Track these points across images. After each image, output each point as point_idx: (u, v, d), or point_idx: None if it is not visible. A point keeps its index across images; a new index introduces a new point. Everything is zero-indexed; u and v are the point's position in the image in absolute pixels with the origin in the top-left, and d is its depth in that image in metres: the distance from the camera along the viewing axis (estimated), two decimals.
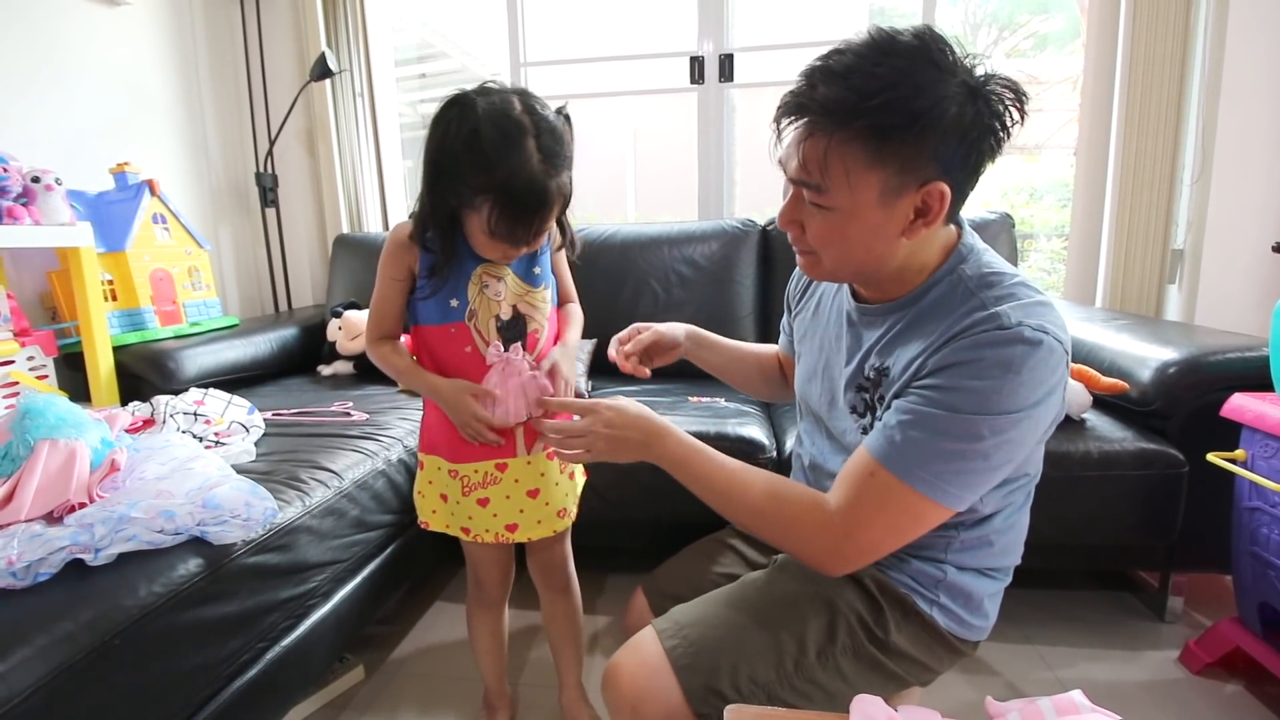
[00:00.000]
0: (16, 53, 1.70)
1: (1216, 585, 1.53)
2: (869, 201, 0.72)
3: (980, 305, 0.74)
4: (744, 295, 1.99)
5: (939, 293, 0.80)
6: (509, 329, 1.00)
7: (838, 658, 0.83)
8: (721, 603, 0.88)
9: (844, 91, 0.68)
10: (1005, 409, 0.70)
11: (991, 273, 0.78)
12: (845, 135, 0.69)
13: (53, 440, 0.96)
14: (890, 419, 0.76)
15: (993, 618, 0.91)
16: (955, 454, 0.72)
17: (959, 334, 0.73)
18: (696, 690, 0.79)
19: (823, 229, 0.76)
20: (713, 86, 2.31)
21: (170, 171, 2.17)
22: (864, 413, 0.85)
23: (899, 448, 0.73)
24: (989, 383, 0.70)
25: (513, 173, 0.87)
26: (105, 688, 0.74)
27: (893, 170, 0.70)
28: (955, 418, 0.71)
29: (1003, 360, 0.70)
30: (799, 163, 0.74)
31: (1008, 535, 0.87)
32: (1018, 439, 0.73)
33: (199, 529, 0.90)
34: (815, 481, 0.99)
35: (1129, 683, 1.26)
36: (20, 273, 1.68)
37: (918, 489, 0.73)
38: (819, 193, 0.73)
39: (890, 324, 0.84)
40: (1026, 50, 4.75)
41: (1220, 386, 1.24)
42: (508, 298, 1.00)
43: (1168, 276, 1.95)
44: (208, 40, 2.33)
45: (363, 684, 1.31)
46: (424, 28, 5.16)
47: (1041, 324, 0.71)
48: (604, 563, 1.73)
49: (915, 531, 0.77)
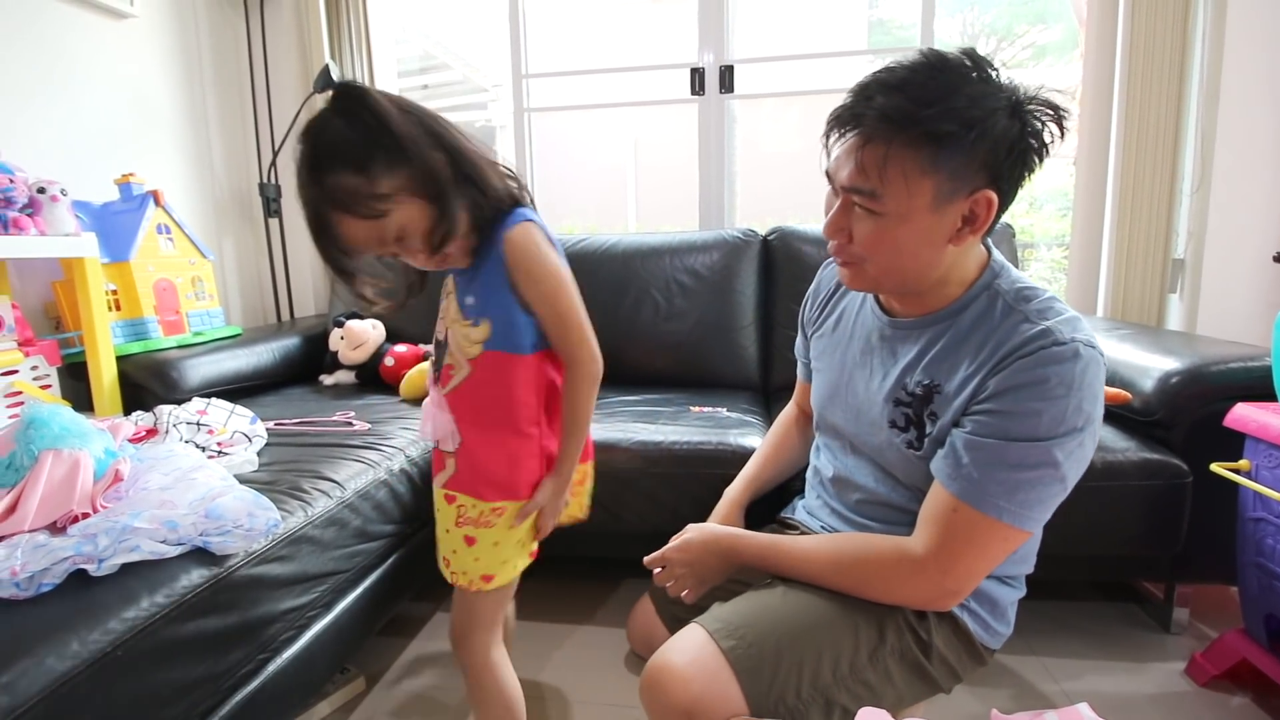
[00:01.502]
0: (23, 64, 1.71)
1: (1222, 597, 1.53)
2: (923, 206, 0.75)
3: (1025, 319, 0.78)
4: (745, 305, 1.99)
5: (979, 307, 0.82)
6: (436, 353, 0.94)
7: (886, 659, 0.84)
8: (772, 604, 0.87)
9: (903, 101, 0.72)
10: (1072, 428, 0.74)
11: (1025, 287, 0.82)
12: (904, 140, 0.72)
13: (57, 450, 0.96)
14: (963, 453, 0.78)
15: (1011, 625, 0.94)
16: (1035, 482, 0.75)
17: (1016, 351, 0.76)
18: (760, 695, 0.77)
19: (874, 235, 0.78)
20: (713, 97, 2.32)
21: (175, 182, 2.18)
22: (906, 427, 0.86)
23: (979, 485, 0.76)
24: (1056, 403, 0.73)
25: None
26: (107, 699, 0.73)
27: (945, 176, 0.73)
28: (1031, 447, 0.74)
29: (1065, 378, 0.73)
30: (855, 168, 0.76)
31: (1029, 543, 0.91)
32: (1083, 455, 0.77)
33: (201, 539, 0.90)
34: (840, 495, 1.00)
35: (1135, 695, 1.25)
36: (25, 282, 1.69)
37: (1004, 520, 0.76)
38: (873, 198, 0.76)
39: (930, 338, 0.85)
40: (1025, 61, 4.77)
41: (1223, 396, 1.24)
42: (443, 316, 0.93)
43: (1169, 286, 1.95)
44: (212, 52, 2.34)
45: (364, 695, 1.30)
46: (427, 39, 5.20)
47: (1088, 338, 0.76)
48: (607, 574, 1.73)
49: (1005, 555, 0.81)
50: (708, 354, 1.98)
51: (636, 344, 2.00)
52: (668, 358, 2.00)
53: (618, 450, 1.41)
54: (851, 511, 0.98)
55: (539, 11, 2.48)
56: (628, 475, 1.40)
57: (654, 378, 1.97)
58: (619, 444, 1.42)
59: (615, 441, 1.42)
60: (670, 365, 1.99)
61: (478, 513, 0.89)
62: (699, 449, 1.39)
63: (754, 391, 1.94)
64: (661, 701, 0.78)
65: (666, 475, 1.38)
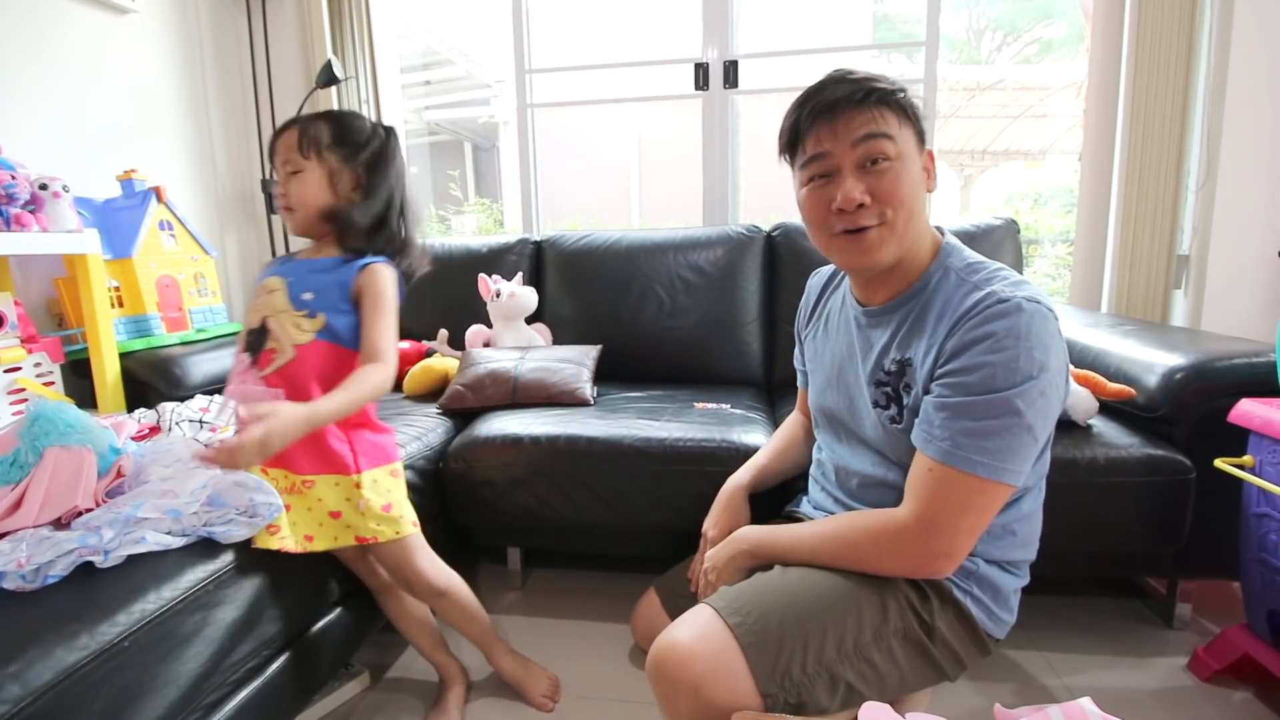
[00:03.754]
0: (25, 61, 1.72)
1: (1225, 592, 1.52)
2: (913, 150, 0.88)
3: (975, 287, 0.85)
4: (749, 301, 1.99)
5: (934, 284, 0.91)
6: (252, 340, 1.04)
7: (890, 638, 0.86)
8: (777, 584, 0.89)
9: (864, 79, 0.87)
10: (1026, 375, 0.78)
11: (975, 261, 0.91)
12: (890, 98, 0.87)
13: (63, 447, 0.96)
14: (933, 416, 0.83)
15: (1014, 614, 0.96)
16: (1002, 432, 0.79)
17: (965, 314, 0.83)
18: (766, 669, 0.79)
19: (893, 180, 0.86)
20: (717, 93, 2.32)
21: (177, 178, 2.18)
22: (887, 404, 0.93)
23: (952, 442, 0.81)
24: (1006, 354, 0.79)
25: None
26: (114, 690, 0.74)
27: (914, 129, 0.88)
28: (992, 399, 0.79)
29: (1012, 330, 0.80)
30: (865, 120, 0.86)
31: (1028, 525, 0.94)
32: (1046, 405, 0.81)
33: (206, 530, 0.91)
34: (842, 483, 1.05)
35: (1137, 690, 1.25)
36: (28, 279, 1.69)
37: (979, 474, 0.80)
38: (890, 140, 0.86)
39: (900, 319, 0.93)
40: (1031, 56, 4.76)
41: (1227, 392, 1.23)
42: (263, 309, 1.05)
43: (1173, 282, 1.94)
44: (214, 48, 2.34)
45: (367, 691, 1.31)
46: (429, 35, 5.19)
47: (1031, 294, 0.82)
48: (611, 569, 1.73)
49: (990, 511, 0.83)
50: (712, 350, 1.98)
51: (640, 341, 2.00)
52: (671, 354, 2.00)
53: (622, 447, 1.41)
54: (852, 497, 1.02)
55: (542, 6, 2.48)
56: (632, 472, 1.41)
57: (658, 374, 1.97)
58: (623, 440, 1.42)
59: (619, 438, 1.43)
60: (674, 362, 1.99)
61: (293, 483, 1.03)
62: (703, 445, 1.39)
63: (758, 388, 1.94)
64: (670, 678, 0.79)
65: (670, 472, 1.39)
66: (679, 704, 0.79)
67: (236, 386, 1.03)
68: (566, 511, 1.45)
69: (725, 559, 1.00)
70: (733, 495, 1.18)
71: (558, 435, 1.45)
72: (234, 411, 1.00)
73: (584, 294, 2.08)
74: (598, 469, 1.42)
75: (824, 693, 0.81)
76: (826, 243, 0.92)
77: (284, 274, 1.07)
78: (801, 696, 0.80)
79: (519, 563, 1.68)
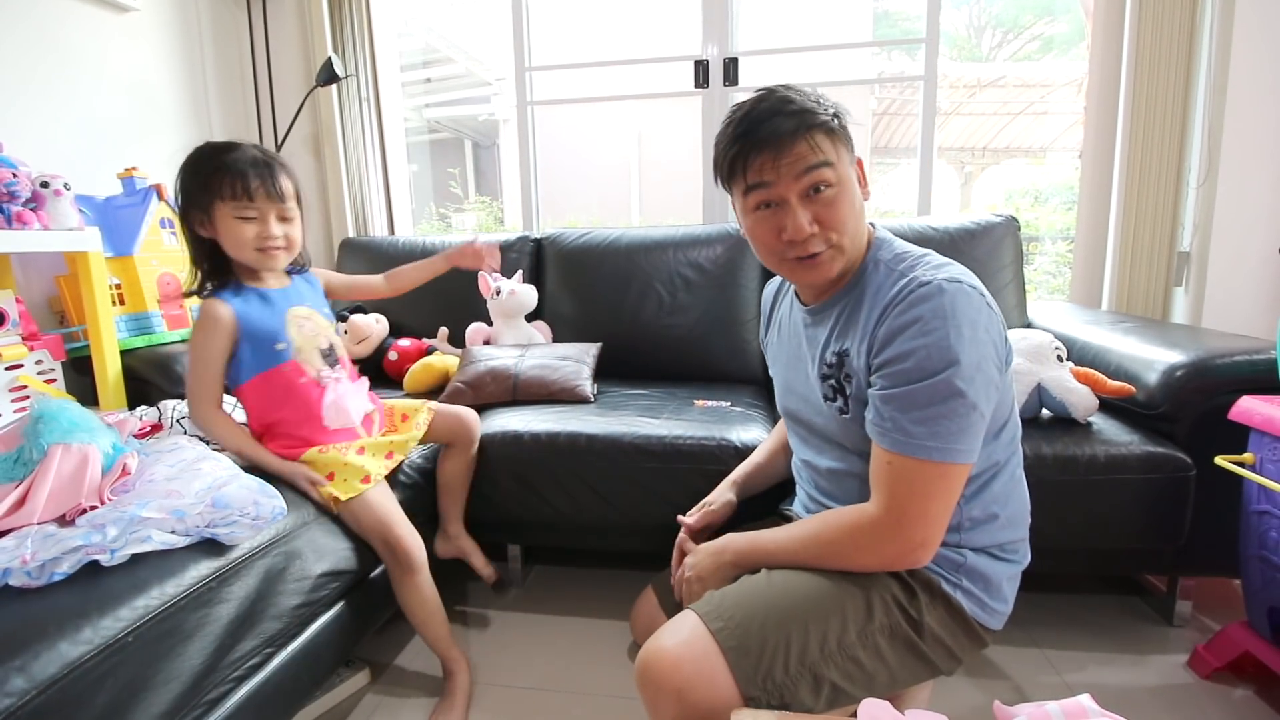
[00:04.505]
0: (25, 59, 1.72)
1: (1225, 589, 1.53)
2: (850, 171, 0.90)
3: (900, 275, 0.88)
4: (748, 299, 1.99)
5: (865, 278, 0.93)
6: (327, 356, 1.26)
7: (876, 636, 0.86)
8: (761, 587, 0.89)
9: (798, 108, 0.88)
10: (960, 355, 0.80)
11: (903, 252, 0.93)
12: (826, 125, 0.88)
13: (66, 445, 0.96)
14: (881, 408, 0.85)
15: (1010, 603, 0.96)
16: (949, 415, 0.80)
17: (891, 301, 0.86)
18: (747, 672, 0.79)
19: (838, 207, 0.88)
20: (717, 90, 2.32)
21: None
22: (835, 397, 0.95)
23: (903, 431, 0.82)
24: (935, 335, 0.80)
25: (237, 151, 1.15)
26: (118, 685, 0.74)
27: (846, 148, 0.90)
28: (931, 385, 0.81)
29: (937, 311, 0.81)
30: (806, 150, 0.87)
31: (1010, 506, 0.94)
32: (985, 379, 0.82)
33: (210, 530, 0.91)
34: (814, 480, 1.07)
35: (1137, 687, 1.26)
36: (29, 277, 1.69)
37: (934, 459, 0.81)
38: (830, 167, 0.87)
39: (836, 314, 0.96)
40: (1032, 53, 4.76)
41: (1228, 389, 1.24)
42: (323, 331, 1.28)
43: (1174, 279, 1.94)
44: (214, 46, 2.34)
45: (368, 688, 1.31)
46: (429, 33, 5.19)
47: (952, 275, 0.84)
48: (610, 566, 1.73)
49: (955, 492, 0.85)
50: (711, 348, 1.98)
51: (640, 338, 2.00)
52: (671, 352, 2.00)
53: (622, 444, 1.41)
54: (823, 492, 1.04)
55: (542, 4, 2.48)
56: (632, 469, 1.41)
57: (658, 372, 1.97)
58: (623, 438, 1.42)
59: (619, 435, 1.43)
60: (674, 359, 1.99)
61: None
62: (702, 443, 1.39)
63: (757, 385, 1.94)
64: (654, 683, 0.81)
65: (670, 469, 1.39)
66: (664, 709, 0.80)
67: (344, 386, 1.27)
68: (566, 509, 1.46)
69: (709, 569, 1.00)
70: (722, 491, 1.21)
71: (558, 432, 1.45)
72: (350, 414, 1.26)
73: (584, 292, 2.08)
74: (598, 466, 1.42)
75: (808, 693, 0.81)
76: (777, 265, 0.95)
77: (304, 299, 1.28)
78: (785, 698, 0.80)
79: (519, 560, 1.68)
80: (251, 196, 1.13)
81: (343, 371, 1.28)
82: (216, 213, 1.14)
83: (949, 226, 1.93)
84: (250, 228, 1.15)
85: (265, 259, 1.17)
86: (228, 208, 1.13)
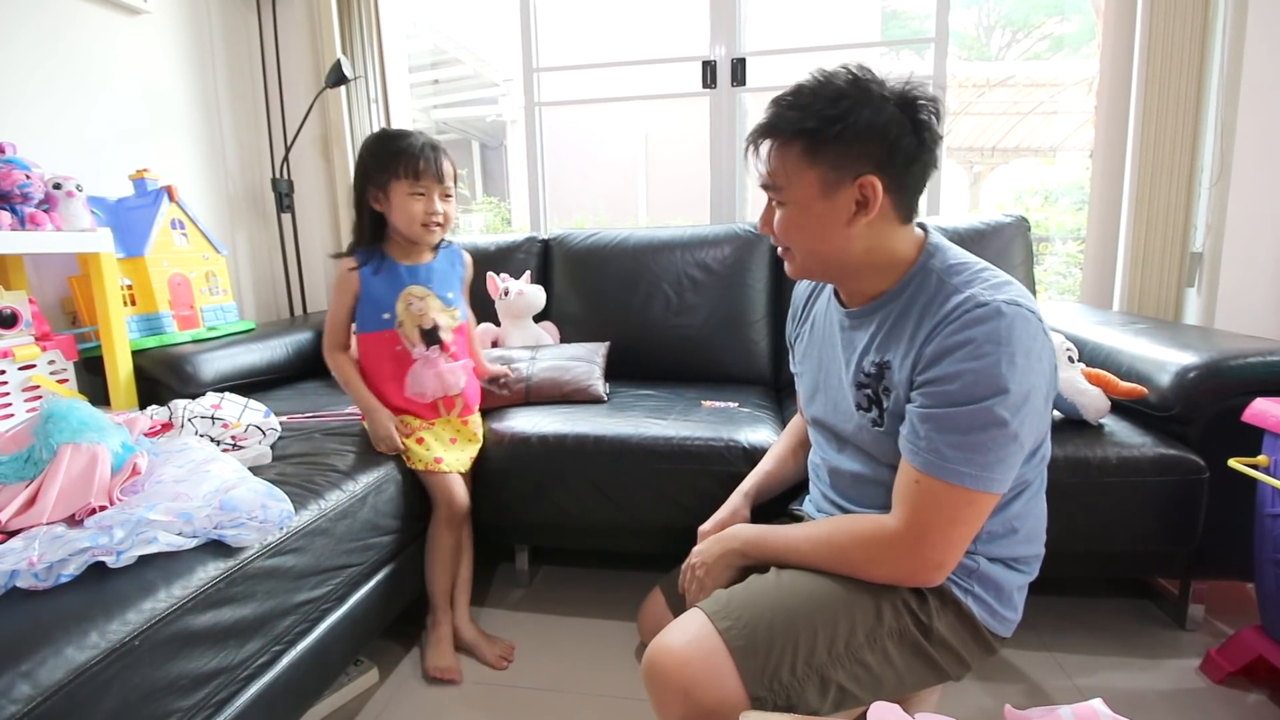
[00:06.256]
0: (38, 61, 1.73)
1: (1238, 593, 1.51)
2: (813, 195, 0.86)
3: (954, 290, 0.84)
4: (756, 299, 1.98)
5: (915, 287, 0.89)
6: (429, 335, 1.38)
7: (884, 640, 0.85)
8: (770, 587, 0.89)
9: (785, 110, 0.87)
10: (1009, 384, 0.77)
11: (958, 263, 0.89)
12: (784, 139, 0.86)
13: (75, 444, 0.97)
14: (919, 426, 0.82)
15: (1020, 611, 0.95)
16: (989, 444, 0.78)
17: (943, 319, 0.82)
18: (754, 672, 0.79)
19: (784, 223, 0.90)
20: (725, 91, 2.31)
21: (188, 178, 2.20)
22: (869, 407, 0.93)
23: (938, 454, 0.80)
24: (987, 360, 0.78)
25: (413, 137, 1.32)
26: (125, 688, 0.74)
27: (827, 167, 0.84)
28: (974, 410, 0.78)
29: (991, 336, 0.78)
30: (763, 171, 0.90)
31: (1029, 522, 0.93)
32: (1033, 411, 0.80)
33: (217, 532, 0.91)
34: (833, 482, 1.05)
35: (1149, 691, 1.24)
36: (42, 278, 1.71)
37: (966, 485, 0.79)
38: (778, 190, 0.89)
39: (879, 321, 0.92)
40: (1042, 52, 4.73)
41: (1241, 391, 1.22)
42: (431, 312, 1.38)
43: (1186, 280, 1.92)
44: (225, 48, 2.35)
45: (377, 687, 1.32)
46: (437, 34, 5.21)
47: (1012, 298, 0.80)
48: (618, 567, 1.73)
49: (979, 520, 0.83)
50: (719, 349, 1.98)
51: (647, 339, 2.00)
52: (679, 352, 1.99)
53: (629, 445, 1.41)
54: (845, 498, 1.02)
55: (550, 5, 2.48)
56: (639, 470, 1.41)
57: (665, 373, 1.97)
58: (630, 439, 1.42)
59: (627, 437, 1.43)
60: (681, 360, 1.99)
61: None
62: (710, 444, 1.39)
63: (765, 386, 1.93)
64: (661, 681, 0.80)
65: (678, 470, 1.38)
66: (670, 707, 0.80)
67: (431, 370, 1.37)
68: (574, 510, 1.45)
69: (715, 556, 1.00)
70: (734, 505, 1.18)
71: (565, 434, 1.45)
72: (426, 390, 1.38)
73: (591, 292, 2.08)
74: (605, 467, 1.42)
75: (814, 695, 0.81)
76: None
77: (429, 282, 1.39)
78: (791, 699, 0.80)
79: (526, 561, 1.68)
80: (420, 176, 1.30)
81: (439, 353, 1.38)
82: (392, 190, 1.31)
83: (958, 227, 1.92)
84: (420, 203, 1.32)
85: (426, 234, 1.35)
86: (404, 185, 1.30)
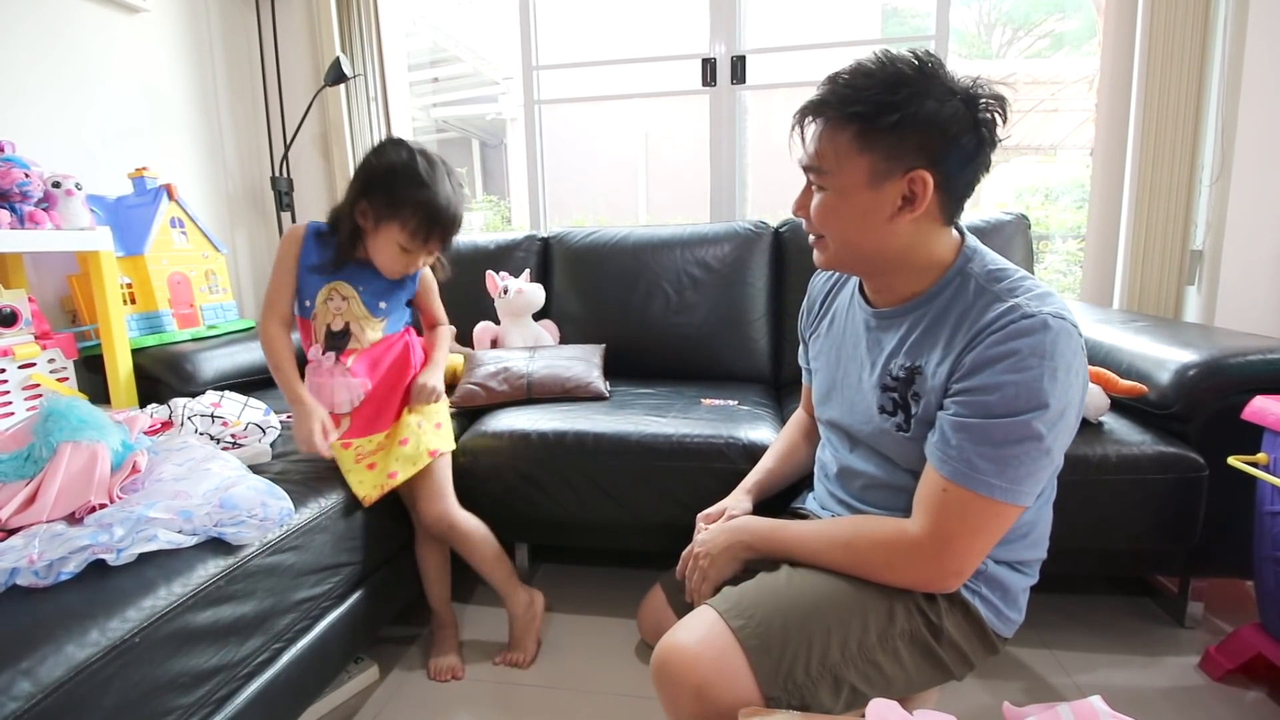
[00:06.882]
0: (37, 59, 1.73)
1: (1237, 590, 1.51)
2: (859, 183, 0.82)
3: (996, 298, 0.82)
4: (756, 297, 1.98)
5: (952, 291, 0.87)
6: (332, 340, 1.28)
7: (896, 641, 0.85)
8: (781, 586, 0.88)
9: (840, 89, 0.82)
10: (1049, 399, 0.76)
11: (998, 269, 0.87)
12: (838, 123, 0.81)
13: (75, 442, 0.97)
14: (950, 435, 0.81)
15: (1023, 612, 0.95)
16: (1022, 458, 0.77)
17: (987, 328, 0.80)
18: (768, 672, 0.78)
19: (822, 208, 0.87)
20: (725, 88, 2.31)
21: (187, 176, 2.20)
22: (895, 411, 0.90)
23: (969, 464, 0.79)
24: (1030, 374, 0.76)
25: (436, 193, 1.20)
26: (125, 685, 0.74)
27: (880, 156, 0.80)
28: (1011, 423, 0.77)
29: (1036, 349, 0.76)
30: (807, 151, 0.86)
31: (1038, 527, 0.93)
32: (1066, 426, 0.79)
33: (217, 530, 0.91)
34: (845, 484, 1.03)
35: (1148, 689, 1.24)
36: (41, 276, 1.71)
37: (995, 497, 0.78)
38: (820, 174, 0.85)
39: (911, 323, 0.90)
40: (1043, 50, 4.72)
41: (1241, 389, 1.22)
42: (345, 315, 1.28)
43: (1187, 278, 1.92)
44: (224, 46, 2.35)
45: (377, 684, 1.32)
46: (436, 32, 5.20)
47: (1057, 310, 0.79)
48: (616, 564, 1.73)
49: (1001, 532, 0.82)
50: (719, 347, 1.98)
51: (647, 337, 2.00)
52: (678, 350, 1.99)
53: (629, 443, 1.41)
54: (856, 499, 1.01)
55: (549, 3, 2.48)
56: (639, 468, 1.41)
57: (665, 370, 1.97)
58: (630, 436, 1.42)
59: (626, 434, 1.43)
60: (681, 358, 1.99)
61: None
62: (710, 442, 1.39)
63: (765, 384, 1.93)
64: (673, 679, 0.79)
65: (677, 468, 1.39)
66: (682, 706, 0.79)
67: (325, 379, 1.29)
68: (573, 507, 1.46)
69: (722, 547, 0.99)
70: (735, 495, 1.18)
71: (565, 431, 1.45)
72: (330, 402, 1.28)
73: (591, 291, 2.07)
74: (605, 465, 1.42)
75: (828, 695, 0.81)
76: None
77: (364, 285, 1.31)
78: (805, 699, 0.79)
79: (526, 558, 1.69)
80: (426, 241, 1.22)
81: (334, 362, 1.27)
82: (386, 228, 1.21)
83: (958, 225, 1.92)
84: (404, 258, 1.24)
85: (394, 274, 1.29)
86: (400, 235, 1.21)
